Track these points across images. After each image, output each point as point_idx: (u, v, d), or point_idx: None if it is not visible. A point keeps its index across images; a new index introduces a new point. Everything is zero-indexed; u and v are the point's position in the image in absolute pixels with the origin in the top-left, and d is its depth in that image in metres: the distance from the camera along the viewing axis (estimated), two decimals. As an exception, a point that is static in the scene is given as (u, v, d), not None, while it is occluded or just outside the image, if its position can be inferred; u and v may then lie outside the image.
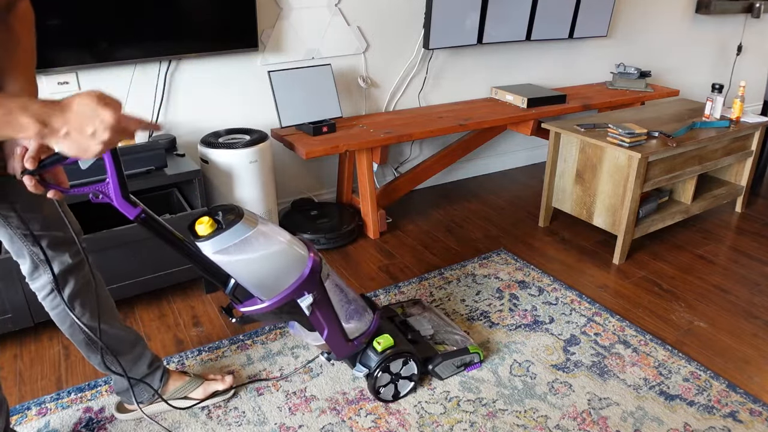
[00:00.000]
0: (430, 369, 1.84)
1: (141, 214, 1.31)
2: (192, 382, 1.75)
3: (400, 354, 1.74)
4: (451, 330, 2.00)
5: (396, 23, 3.00)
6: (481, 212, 3.14)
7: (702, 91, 4.43)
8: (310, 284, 1.53)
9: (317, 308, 1.57)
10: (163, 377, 1.70)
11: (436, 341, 1.94)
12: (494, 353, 2.00)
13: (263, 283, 1.47)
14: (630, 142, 2.43)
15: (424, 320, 2.04)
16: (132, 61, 2.39)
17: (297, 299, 1.52)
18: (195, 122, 2.65)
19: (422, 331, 1.97)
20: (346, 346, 1.69)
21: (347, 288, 1.72)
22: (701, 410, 1.76)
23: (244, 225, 1.39)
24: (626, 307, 2.28)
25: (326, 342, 1.65)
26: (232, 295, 1.49)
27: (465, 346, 1.91)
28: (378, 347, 1.73)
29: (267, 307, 1.49)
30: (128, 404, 1.72)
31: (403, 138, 2.73)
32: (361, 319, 1.73)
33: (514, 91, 3.28)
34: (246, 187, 2.39)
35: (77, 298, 1.45)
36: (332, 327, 1.63)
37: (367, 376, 1.75)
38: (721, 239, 2.84)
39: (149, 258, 2.14)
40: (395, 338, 1.77)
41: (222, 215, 1.42)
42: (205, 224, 1.38)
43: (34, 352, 2.00)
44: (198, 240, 1.37)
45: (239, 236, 1.38)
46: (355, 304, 1.72)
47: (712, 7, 4.06)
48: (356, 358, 1.77)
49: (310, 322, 1.59)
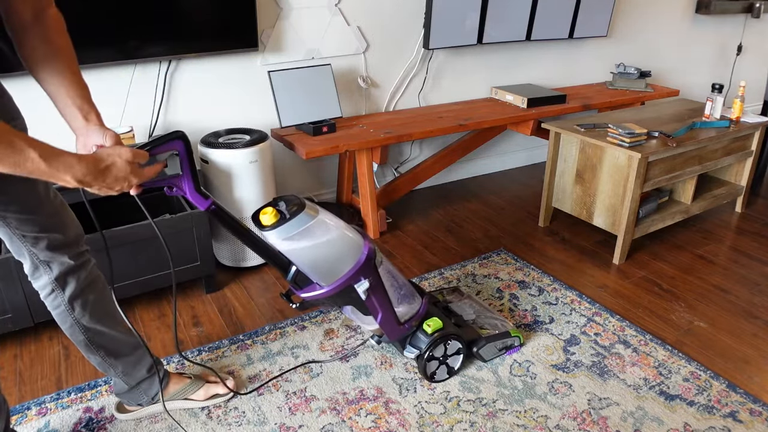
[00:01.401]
0: (475, 351, 1.91)
1: (212, 205, 1.41)
2: (192, 385, 1.75)
3: (449, 336, 1.82)
4: (490, 315, 2.05)
5: (396, 23, 3.00)
6: (481, 212, 3.14)
7: (702, 91, 4.43)
8: (366, 270, 1.61)
9: (372, 293, 1.66)
10: (163, 381, 1.70)
11: (479, 326, 1.99)
12: (494, 353, 2.00)
13: (323, 269, 1.56)
14: (630, 142, 2.43)
15: (465, 305, 2.09)
16: (132, 61, 2.39)
17: (354, 284, 1.60)
18: (195, 122, 2.65)
19: (465, 315, 2.03)
20: (398, 328, 1.77)
21: (398, 274, 1.79)
22: (701, 410, 1.76)
23: (306, 214, 1.48)
24: (626, 307, 2.28)
25: (380, 325, 1.73)
26: (294, 282, 1.57)
27: (506, 329, 1.97)
28: (428, 329, 1.81)
29: (326, 292, 1.58)
30: (128, 405, 1.71)
31: (403, 138, 2.73)
32: (411, 304, 1.81)
33: (514, 91, 3.28)
34: (246, 187, 2.39)
35: (78, 299, 1.45)
36: (386, 311, 1.71)
37: (417, 358, 1.82)
38: (721, 239, 2.84)
39: (149, 258, 2.14)
40: (443, 321, 1.85)
41: (285, 206, 1.50)
42: (269, 214, 1.45)
43: (34, 352, 2.00)
44: (263, 229, 1.45)
45: (303, 225, 1.47)
46: (405, 289, 1.80)
47: (712, 7, 4.06)
48: (406, 341, 1.85)
49: (365, 307, 1.67)
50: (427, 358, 1.80)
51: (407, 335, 1.84)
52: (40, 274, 1.42)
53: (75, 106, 1.25)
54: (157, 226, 1.47)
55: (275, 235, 1.45)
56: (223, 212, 1.44)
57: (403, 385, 1.85)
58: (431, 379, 1.85)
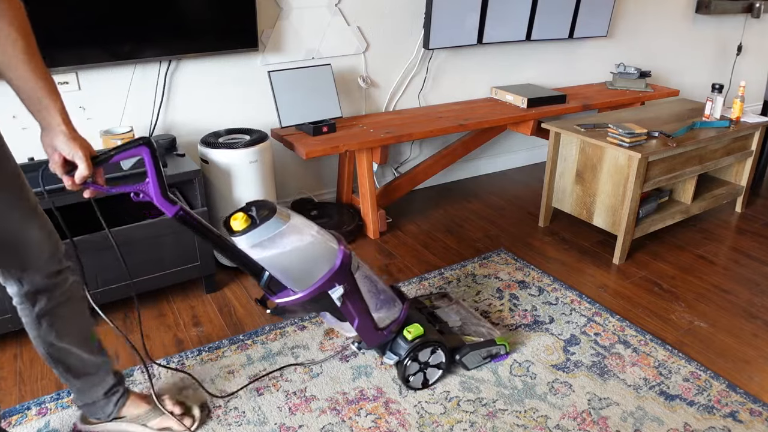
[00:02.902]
0: (458, 359, 1.88)
1: (179, 211, 1.39)
2: (151, 414, 1.65)
3: (429, 343, 1.79)
4: (477, 322, 2.03)
5: (396, 23, 3.00)
6: (481, 212, 3.14)
7: (702, 91, 4.43)
8: (341, 276, 1.60)
9: (348, 299, 1.64)
10: (119, 402, 1.62)
11: (464, 332, 1.97)
12: (494, 353, 2.00)
13: (296, 275, 1.54)
14: (630, 142, 2.43)
15: (452, 312, 2.07)
16: (132, 61, 2.39)
17: (328, 290, 1.59)
18: (195, 122, 2.65)
19: (450, 322, 2.00)
20: (376, 334, 1.75)
21: (377, 279, 1.77)
22: (701, 410, 1.76)
23: (277, 220, 1.47)
24: (626, 307, 2.28)
25: (357, 331, 1.71)
26: (267, 287, 1.55)
27: (492, 337, 1.95)
28: (408, 336, 1.78)
29: (300, 298, 1.56)
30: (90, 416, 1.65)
31: (403, 138, 2.73)
32: (390, 309, 1.79)
33: (514, 91, 3.28)
34: (246, 187, 2.39)
35: (46, 317, 1.40)
36: (362, 317, 1.70)
37: (397, 364, 1.79)
38: (721, 239, 2.84)
39: (149, 258, 2.14)
40: (424, 327, 1.82)
41: (255, 211, 1.48)
42: (240, 220, 1.44)
43: (34, 352, 2.00)
44: (233, 235, 1.44)
45: (273, 231, 1.46)
46: (385, 295, 1.78)
47: (712, 7, 4.06)
48: (386, 347, 1.81)
49: (341, 313, 1.65)
50: (409, 361, 1.76)
51: (387, 341, 1.80)
52: (10, 285, 1.37)
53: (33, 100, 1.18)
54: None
55: (245, 240, 1.44)
56: (192, 218, 1.41)
57: (403, 385, 1.85)
58: (406, 382, 1.80)
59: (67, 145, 1.21)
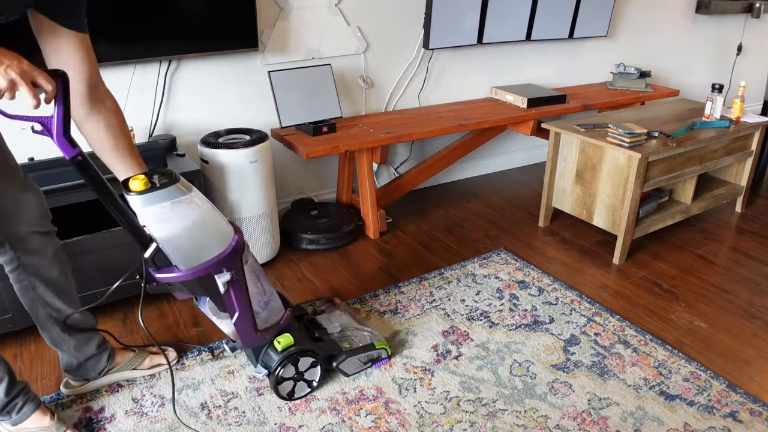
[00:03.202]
0: (335, 366, 1.85)
1: (78, 156, 1.30)
2: (137, 357, 1.86)
3: (302, 353, 1.75)
4: (359, 327, 2.01)
5: (396, 23, 3.00)
6: (481, 212, 3.14)
7: (702, 91, 4.43)
8: (231, 262, 1.55)
9: (233, 288, 1.58)
10: (110, 356, 1.80)
11: (343, 339, 1.94)
12: (494, 353, 2.00)
13: (185, 251, 1.47)
14: (630, 142, 2.43)
15: (333, 318, 2.05)
16: (132, 61, 2.39)
17: (215, 274, 1.52)
18: (195, 122, 2.65)
19: (329, 328, 1.98)
20: (254, 334, 1.70)
21: (265, 279, 1.72)
22: (701, 410, 1.76)
23: (177, 189, 1.42)
24: (626, 307, 2.28)
25: (235, 325, 1.65)
26: (151, 260, 1.48)
27: (371, 342, 1.92)
28: (278, 346, 1.74)
29: (183, 275, 1.49)
30: (73, 381, 1.79)
31: (403, 138, 2.73)
32: (272, 313, 1.75)
33: (514, 91, 3.28)
34: (246, 187, 2.39)
35: (40, 276, 1.55)
36: (243, 311, 1.64)
37: (268, 376, 1.77)
38: (721, 239, 2.84)
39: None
40: (296, 337, 1.78)
41: (158, 177, 1.43)
42: (140, 181, 1.38)
43: (34, 352, 2.00)
44: (129, 193, 1.37)
45: (171, 198, 1.41)
46: (269, 297, 1.74)
47: (712, 7, 4.06)
48: (258, 358, 1.78)
49: (222, 301, 1.59)
50: (278, 378, 1.73)
51: (261, 347, 1.76)
52: (5, 250, 1.49)
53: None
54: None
55: (141, 201, 1.37)
56: (89, 166, 1.33)
57: (403, 385, 1.85)
58: (290, 397, 1.78)
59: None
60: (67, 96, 1.24)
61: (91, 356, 1.75)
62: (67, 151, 1.29)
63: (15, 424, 1.57)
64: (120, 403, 1.78)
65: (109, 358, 1.80)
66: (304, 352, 1.76)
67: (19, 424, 1.57)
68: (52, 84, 1.17)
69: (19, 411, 1.56)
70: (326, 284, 2.44)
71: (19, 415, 1.56)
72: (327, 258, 2.65)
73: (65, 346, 1.69)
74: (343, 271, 2.54)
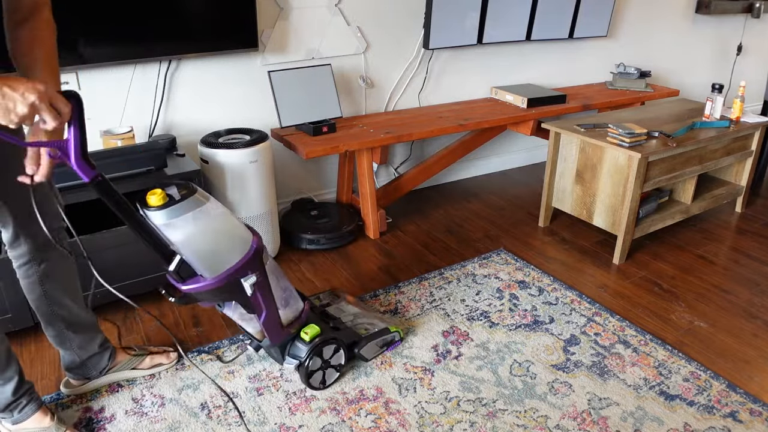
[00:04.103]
0: (357, 352, 1.90)
1: (97, 177, 1.30)
2: (137, 357, 1.87)
3: (329, 341, 1.80)
4: (369, 314, 2.05)
5: (396, 23, 3.00)
6: (481, 212, 3.14)
7: (702, 91, 4.43)
8: (254, 264, 1.59)
9: (258, 289, 1.62)
10: (111, 355, 1.82)
11: (357, 326, 1.98)
12: (494, 353, 2.00)
13: (209, 259, 1.50)
14: (630, 142, 2.43)
15: (343, 307, 2.09)
16: (132, 61, 2.39)
17: (241, 278, 1.56)
18: (195, 122, 2.65)
19: (343, 317, 2.02)
20: (280, 331, 1.74)
21: (282, 275, 1.76)
22: (701, 410, 1.76)
23: (195, 200, 1.44)
24: (626, 307, 2.28)
25: (263, 325, 1.69)
26: (176, 273, 1.50)
27: (385, 326, 1.97)
28: (306, 337, 1.78)
29: (211, 284, 1.52)
30: (74, 380, 1.80)
31: (403, 138, 2.73)
32: (293, 307, 1.79)
33: (514, 91, 3.28)
34: (246, 187, 2.39)
35: (50, 272, 1.56)
36: (270, 310, 1.68)
37: (298, 367, 1.79)
38: (721, 239, 2.84)
39: (149, 258, 2.14)
40: (321, 326, 1.82)
41: (175, 190, 1.44)
42: (158, 195, 1.39)
43: (34, 352, 2.00)
44: (150, 209, 1.38)
45: (191, 209, 1.43)
46: (288, 293, 1.78)
47: (712, 7, 4.06)
48: (285, 351, 1.81)
49: (250, 303, 1.63)
50: (309, 367, 1.76)
51: (286, 343, 1.80)
52: (19, 244, 1.50)
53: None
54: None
55: (162, 216, 1.38)
56: (109, 187, 1.34)
57: (403, 385, 1.85)
58: (323, 386, 1.82)
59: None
60: (82, 118, 1.23)
61: (93, 354, 1.76)
62: (87, 173, 1.28)
63: (15, 423, 1.57)
64: (120, 403, 1.78)
65: (110, 357, 1.81)
66: (331, 340, 1.81)
67: (20, 423, 1.57)
68: (68, 105, 1.17)
69: (21, 410, 1.56)
70: (326, 284, 2.44)
71: (21, 414, 1.56)
72: (327, 258, 2.65)
73: (69, 343, 1.70)
74: (343, 271, 2.54)
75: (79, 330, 1.70)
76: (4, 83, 1.10)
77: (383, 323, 2.00)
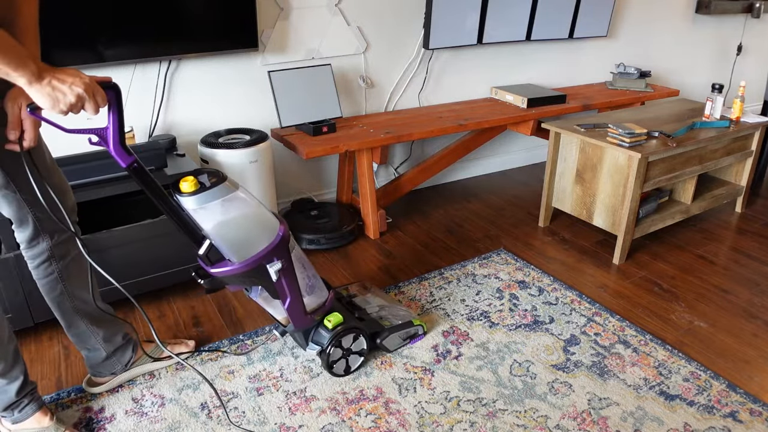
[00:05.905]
0: (379, 343, 1.95)
1: (134, 163, 1.38)
2: (156, 350, 1.89)
3: (350, 330, 1.84)
4: (394, 306, 2.09)
5: (396, 23, 3.00)
6: (481, 212, 3.14)
7: (702, 91, 4.43)
8: (280, 251, 1.64)
9: (283, 275, 1.67)
10: (134, 348, 1.84)
11: (382, 317, 2.02)
12: (494, 353, 2.00)
13: (237, 244, 1.56)
14: (630, 142, 2.43)
15: (369, 299, 2.13)
16: (132, 61, 2.39)
17: (266, 264, 1.61)
18: (195, 122, 2.65)
19: (368, 308, 2.06)
20: (304, 317, 1.79)
21: (308, 264, 1.80)
22: (701, 410, 1.76)
23: (226, 187, 1.50)
24: (626, 307, 2.28)
25: (287, 311, 1.74)
26: (206, 256, 1.56)
27: (409, 319, 2.01)
28: (329, 324, 1.83)
29: (238, 268, 1.57)
30: (98, 378, 1.80)
31: (403, 138, 2.73)
32: (317, 295, 1.83)
33: (514, 91, 3.28)
34: (246, 187, 2.39)
35: (68, 268, 1.57)
36: (294, 296, 1.73)
37: (320, 353, 1.83)
38: (721, 239, 2.84)
39: (149, 258, 2.14)
40: (344, 315, 1.87)
41: (206, 177, 1.51)
42: (189, 182, 1.46)
43: (34, 352, 2.00)
44: (182, 195, 1.46)
45: (221, 196, 1.49)
46: (314, 281, 1.82)
47: (712, 7, 4.06)
48: (308, 338, 1.86)
49: (275, 289, 1.68)
50: (332, 349, 1.82)
51: (310, 329, 1.85)
52: (38, 242, 1.51)
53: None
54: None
55: (193, 201, 1.46)
56: (145, 173, 1.41)
57: (403, 385, 1.85)
58: (345, 373, 1.88)
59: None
60: (120, 107, 1.32)
61: (118, 347, 1.78)
62: (124, 159, 1.37)
63: (15, 423, 1.57)
64: (120, 403, 1.78)
65: (134, 350, 1.83)
66: (353, 329, 1.85)
67: (19, 423, 1.57)
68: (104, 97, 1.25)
69: (21, 410, 1.56)
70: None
71: (21, 414, 1.57)
72: (327, 258, 2.65)
73: (93, 339, 1.70)
74: (343, 271, 2.54)
75: (102, 324, 1.71)
76: (54, 75, 1.17)
77: (408, 316, 2.03)
